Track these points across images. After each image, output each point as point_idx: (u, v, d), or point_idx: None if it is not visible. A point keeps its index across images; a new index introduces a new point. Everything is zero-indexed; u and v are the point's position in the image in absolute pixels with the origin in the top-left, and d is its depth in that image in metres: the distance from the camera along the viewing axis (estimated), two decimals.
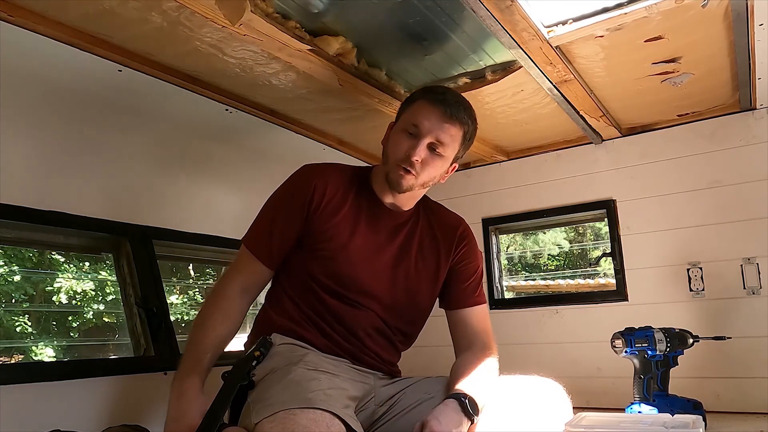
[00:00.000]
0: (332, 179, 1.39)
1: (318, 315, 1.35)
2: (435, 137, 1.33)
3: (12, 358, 7.55)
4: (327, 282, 1.35)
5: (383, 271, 1.39)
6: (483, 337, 1.43)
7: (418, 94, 1.40)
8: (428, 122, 1.32)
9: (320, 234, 1.36)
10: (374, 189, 1.42)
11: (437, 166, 1.37)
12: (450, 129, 1.34)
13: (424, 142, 1.33)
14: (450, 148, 1.36)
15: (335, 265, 1.35)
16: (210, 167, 1.99)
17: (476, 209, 2.69)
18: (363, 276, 1.36)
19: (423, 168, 1.34)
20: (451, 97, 1.37)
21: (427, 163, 1.34)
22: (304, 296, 1.37)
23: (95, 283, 7.87)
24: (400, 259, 1.42)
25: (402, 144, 1.34)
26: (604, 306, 2.40)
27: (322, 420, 1.03)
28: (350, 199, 1.40)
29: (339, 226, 1.36)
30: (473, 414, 1.18)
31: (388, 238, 1.41)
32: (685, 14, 1.50)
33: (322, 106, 1.96)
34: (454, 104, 1.35)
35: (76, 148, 1.69)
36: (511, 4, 1.37)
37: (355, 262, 1.36)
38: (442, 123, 1.33)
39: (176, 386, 1.23)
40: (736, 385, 2.06)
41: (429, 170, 1.35)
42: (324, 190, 1.37)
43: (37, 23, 1.39)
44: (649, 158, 2.35)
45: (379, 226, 1.40)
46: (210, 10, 1.36)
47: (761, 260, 2.08)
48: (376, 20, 1.57)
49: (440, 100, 1.34)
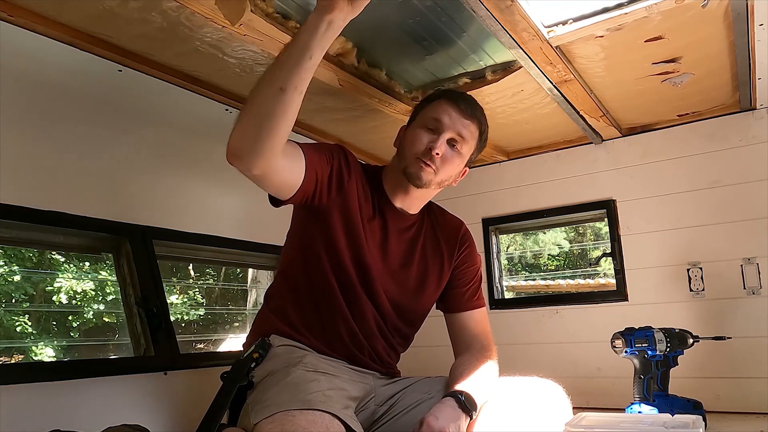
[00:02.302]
0: (357, 168, 1.38)
1: (318, 316, 1.35)
2: (456, 132, 1.36)
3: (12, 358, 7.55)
4: (332, 279, 1.33)
5: (390, 271, 1.39)
6: (482, 339, 1.44)
7: (436, 94, 1.44)
8: (449, 118, 1.36)
9: (339, 210, 1.32)
10: (385, 190, 1.42)
11: (455, 164, 1.38)
12: (470, 125, 1.38)
13: (445, 136, 1.35)
14: (468, 146, 1.39)
15: (348, 256, 1.33)
16: (210, 167, 1.99)
17: (476, 209, 2.69)
18: (371, 273, 1.35)
19: (443, 163, 1.35)
20: (468, 97, 1.43)
21: (447, 159, 1.36)
22: (305, 297, 1.36)
23: (95, 283, 7.86)
24: (407, 261, 1.42)
25: (422, 138, 1.35)
26: (604, 306, 2.40)
27: (321, 421, 1.03)
28: (369, 193, 1.39)
29: (356, 216, 1.34)
30: (471, 410, 1.18)
31: (396, 240, 1.41)
32: (685, 14, 1.50)
33: (322, 106, 1.96)
34: (472, 103, 1.41)
35: (76, 147, 1.69)
36: (511, 4, 1.37)
37: (366, 257, 1.34)
38: (463, 119, 1.37)
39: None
40: (736, 385, 2.06)
41: (447, 167, 1.37)
42: (349, 167, 1.34)
43: (37, 23, 1.39)
44: (649, 158, 2.35)
45: (388, 227, 1.41)
46: (210, 10, 1.36)
47: (761, 260, 2.08)
48: (376, 20, 1.57)
49: (460, 98, 1.39)
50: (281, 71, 1.03)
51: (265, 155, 1.07)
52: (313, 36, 1.02)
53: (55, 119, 1.64)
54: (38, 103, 1.60)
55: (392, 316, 1.40)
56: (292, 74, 1.02)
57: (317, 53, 1.03)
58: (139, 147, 1.85)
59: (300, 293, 1.37)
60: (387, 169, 1.45)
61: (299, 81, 1.03)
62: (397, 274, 1.40)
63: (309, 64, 1.03)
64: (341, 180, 1.31)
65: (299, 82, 1.03)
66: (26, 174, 1.56)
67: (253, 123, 1.05)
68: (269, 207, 1.30)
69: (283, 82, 1.02)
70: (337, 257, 1.33)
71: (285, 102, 1.03)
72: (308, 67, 1.03)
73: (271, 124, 1.04)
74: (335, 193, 1.30)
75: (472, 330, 1.45)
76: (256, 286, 7.71)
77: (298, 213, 1.41)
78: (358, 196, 1.35)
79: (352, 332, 1.35)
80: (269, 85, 1.04)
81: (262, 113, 1.04)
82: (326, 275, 1.33)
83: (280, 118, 1.04)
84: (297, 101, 1.05)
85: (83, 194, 1.68)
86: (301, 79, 1.03)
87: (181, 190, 1.99)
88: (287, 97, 1.03)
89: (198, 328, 9.08)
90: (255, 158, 1.07)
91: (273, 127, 1.04)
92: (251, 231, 2.17)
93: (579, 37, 1.58)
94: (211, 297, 9.70)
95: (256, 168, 1.09)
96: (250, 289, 8.41)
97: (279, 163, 1.12)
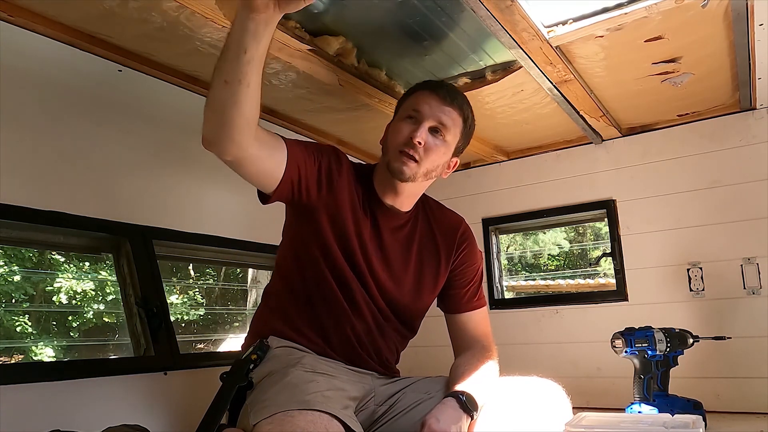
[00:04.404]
0: (349, 168, 1.37)
1: (315, 314, 1.34)
2: (437, 120, 1.34)
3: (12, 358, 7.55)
4: (328, 277, 1.32)
5: (386, 271, 1.38)
6: (483, 339, 1.43)
7: (415, 86, 1.42)
8: (428, 106, 1.34)
9: (328, 211, 1.31)
10: (375, 189, 1.40)
11: (440, 152, 1.35)
12: (451, 112, 1.35)
13: (426, 125, 1.33)
14: (451, 134, 1.36)
15: (342, 256, 1.32)
16: (210, 167, 1.97)
17: (476, 209, 2.69)
18: (365, 272, 1.35)
19: (426, 153, 1.32)
20: (448, 85, 1.41)
21: (430, 148, 1.33)
22: (301, 296, 1.35)
23: (95, 283, 7.86)
24: (402, 260, 1.41)
25: (403, 130, 1.34)
26: (604, 306, 2.40)
27: (320, 421, 1.03)
28: (360, 193, 1.38)
29: (346, 215, 1.33)
30: (472, 410, 1.18)
31: (389, 239, 1.40)
32: (685, 14, 1.50)
33: (322, 106, 1.96)
34: (452, 91, 1.39)
35: (76, 147, 1.69)
36: (511, 4, 1.37)
37: (358, 255, 1.34)
38: (443, 106, 1.35)
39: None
40: (736, 385, 2.06)
41: (432, 156, 1.34)
42: (340, 167, 1.34)
43: (37, 23, 1.40)
44: (649, 158, 2.35)
45: (380, 226, 1.39)
46: (210, 10, 1.36)
47: (761, 260, 2.08)
48: (376, 20, 1.57)
49: (438, 87, 1.37)
50: (224, 63, 1.02)
51: (231, 143, 1.07)
52: (243, 31, 0.98)
53: (55, 119, 1.64)
54: (38, 102, 1.60)
55: (389, 315, 1.40)
56: (232, 67, 1.00)
57: (252, 48, 0.99)
58: (139, 147, 1.85)
59: (297, 292, 1.36)
60: (377, 167, 1.43)
61: (242, 74, 1.00)
62: (392, 273, 1.39)
63: (246, 58, 0.99)
64: (330, 178, 1.31)
65: (242, 76, 1.00)
66: (26, 174, 1.56)
67: (211, 113, 1.06)
68: (270, 207, 1.30)
69: (226, 75, 1.01)
70: (329, 256, 1.32)
71: (233, 93, 1.02)
72: (247, 60, 1.00)
73: (226, 114, 1.04)
74: (325, 191, 1.30)
75: (472, 331, 1.45)
76: (256, 286, 7.71)
77: (289, 212, 1.41)
78: (349, 195, 1.34)
79: (351, 330, 1.34)
80: (217, 76, 1.03)
81: (216, 104, 1.04)
82: (322, 273, 1.32)
83: (233, 109, 1.03)
84: (246, 93, 1.02)
85: (83, 194, 1.68)
86: (243, 73, 1.00)
87: (181, 190, 1.99)
88: (233, 88, 1.01)
89: (198, 328, 9.08)
90: (222, 145, 1.08)
91: (229, 118, 1.04)
92: (251, 231, 2.17)
93: (579, 37, 1.58)
94: (211, 297, 9.70)
95: (227, 154, 1.10)
96: (250, 289, 8.42)
97: (252, 151, 1.12)
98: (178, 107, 1.86)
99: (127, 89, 1.72)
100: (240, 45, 0.99)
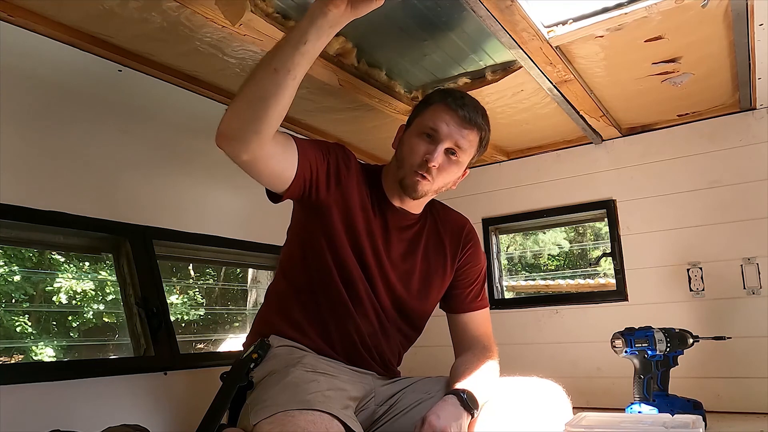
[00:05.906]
0: (356, 166, 1.37)
1: (319, 313, 1.34)
2: (454, 142, 1.32)
3: (12, 358, 7.55)
4: (335, 275, 1.32)
5: (393, 270, 1.38)
6: (484, 339, 1.43)
7: (435, 97, 1.38)
8: (447, 127, 1.31)
9: (339, 207, 1.31)
10: (384, 190, 1.41)
11: (452, 172, 1.36)
12: (469, 135, 1.33)
13: (442, 147, 1.31)
14: (467, 154, 1.36)
15: (352, 254, 1.32)
16: (210, 167, 1.99)
17: (476, 209, 2.69)
18: (373, 270, 1.34)
19: (439, 173, 1.33)
20: (469, 101, 1.36)
21: (444, 169, 1.33)
22: (306, 295, 1.35)
23: (95, 283, 7.86)
24: (409, 260, 1.41)
25: (419, 148, 1.32)
26: (604, 306, 2.40)
27: (320, 421, 1.03)
28: (368, 192, 1.38)
29: (357, 213, 1.33)
30: (472, 408, 1.18)
31: (397, 239, 1.40)
32: (685, 14, 1.50)
33: (322, 106, 1.96)
34: (472, 109, 1.34)
35: (76, 147, 1.69)
36: (511, 4, 1.37)
37: (367, 253, 1.34)
38: (461, 128, 1.32)
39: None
40: (736, 385, 2.06)
41: (444, 176, 1.35)
42: (348, 164, 1.34)
43: (37, 23, 1.39)
44: (649, 158, 2.35)
45: (389, 226, 1.39)
46: (210, 10, 1.36)
47: (761, 260, 2.08)
48: (376, 20, 1.57)
49: (459, 104, 1.33)
50: (277, 54, 1.06)
51: (255, 139, 1.08)
52: (311, 23, 1.04)
53: (55, 119, 1.64)
54: (38, 103, 1.60)
55: (394, 316, 1.40)
56: (286, 56, 1.04)
57: (312, 40, 1.04)
58: (139, 147, 1.85)
59: (301, 291, 1.36)
60: (386, 169, 1.44)
61: (292, 65, 1.04)
62: (400, 273, 1.39)
63: (303, 49, 1.04)
64: (339, 175, 1.31)
65: (292, 66, 1.04)
66: (26, 174, 1.56)
67: (246, 105, 1.07)
68: (270, 207, 1.30)
69: (277, 63, 1.05)
70: (338, 253, 1.32)
71: (278, 84, 1.04)
72: (303, 52, 1.04)
73: (263, 105, 1.05)
74: (334, 188, 1.30)
75: (474, 331, 1.45)
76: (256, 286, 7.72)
77: (298, 209, 1.40)
78: (358, 193, 1.34)
79: (354, 331, 1.34)
80: (265, 66, 1.06)
81: (255, 95, 1.06)
82: (329, 271, 1.32)
83: (272, 100, 1.05)
84: (290, 85, 1.06)
85: (83, 194, 1.68)
86: (294, 64, 1.04)
87: (181, 190, 1.99)
88: (280, 78, 1.04)
89: (198, 328, 9.08)
90: (245, 142, 1.08)
91: (265, 109, 1.05)
92: (251, 231, 2.17)
93: (579, 37, 1.58)
94: (211, 297, 9.71)
95: (246, 152, 1.09)
96: (250, 289, 8.42)
97: (268, 149, 1.12)
98: (178, 107, 1.86)
99: (127, 89, 1.72)
100: (303, 35, 1.04)
